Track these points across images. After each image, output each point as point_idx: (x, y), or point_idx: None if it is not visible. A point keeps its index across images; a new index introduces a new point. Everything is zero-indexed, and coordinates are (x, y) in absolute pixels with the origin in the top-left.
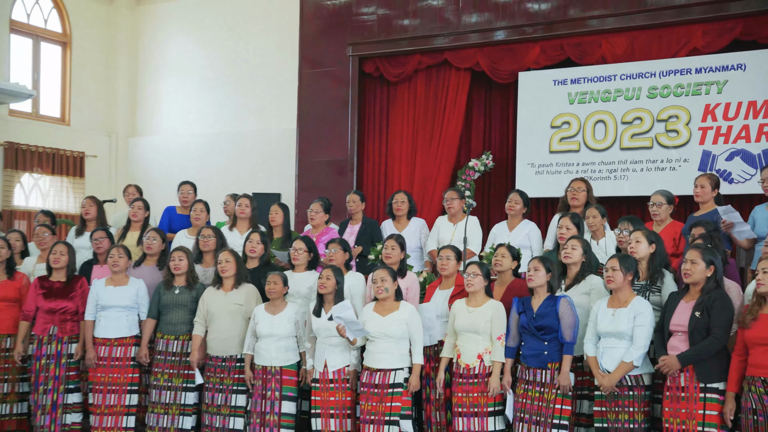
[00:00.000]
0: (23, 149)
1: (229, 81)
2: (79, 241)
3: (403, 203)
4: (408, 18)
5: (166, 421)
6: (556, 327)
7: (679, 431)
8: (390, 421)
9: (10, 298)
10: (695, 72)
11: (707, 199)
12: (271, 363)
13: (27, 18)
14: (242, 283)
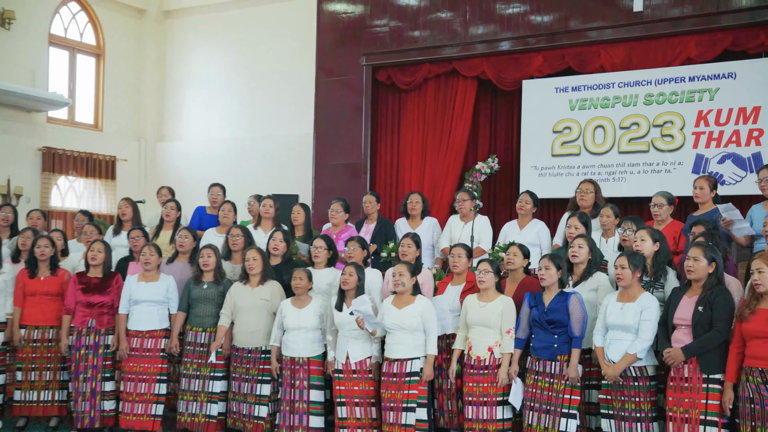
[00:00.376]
0: (60, 154)
1: (249, 89)
2: (116, 240)
3: (417, 203)
4: (418, 30)
5: (195, 407)
6: (565, 321)
7: (683, 419)
8: (407, 408)
9: (53, 293)
10: (689, 80)
11: (706, 199)
12: (298, 354)
13: (64, 32)
14: (268, 280)
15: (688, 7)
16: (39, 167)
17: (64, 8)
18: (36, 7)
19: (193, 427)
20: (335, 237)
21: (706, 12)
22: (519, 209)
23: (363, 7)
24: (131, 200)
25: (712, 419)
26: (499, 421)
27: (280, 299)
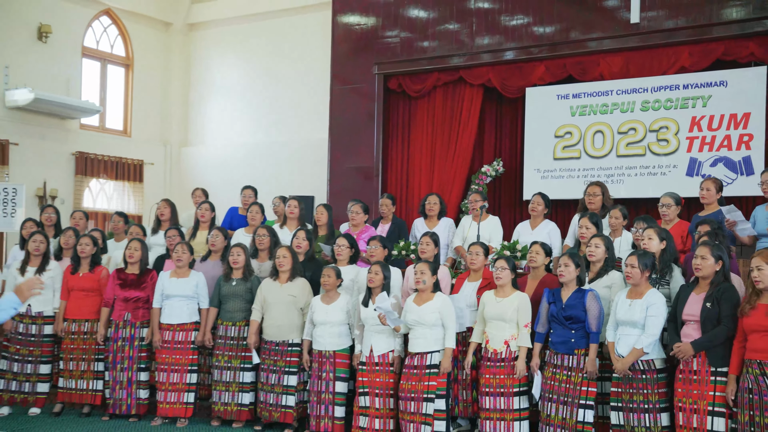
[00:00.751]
0: (91, 158)
1: (268, 97)
2: (153, 239)
3: (435, 204)
4: (427, 40)
5: (227, 396)
6: (582, 317)
7: (691, 410)
8: (427, 399)
9: (89, 289)
10: (683, 88)
11: (712, 200)
12: (325, 347)
13: (96, 44)
14: (296, 277)
15: (681, 19)
16: (72, 171)
17: (96, 22)
18: (70, 21)
19: (226, 415)
20: (357, 236)
21: (698, 24)
22: (531, 210)
23: (375, 19)
24: (170, 201)
25: (720, 410)
26: (516, 410)
27: (307, 295)
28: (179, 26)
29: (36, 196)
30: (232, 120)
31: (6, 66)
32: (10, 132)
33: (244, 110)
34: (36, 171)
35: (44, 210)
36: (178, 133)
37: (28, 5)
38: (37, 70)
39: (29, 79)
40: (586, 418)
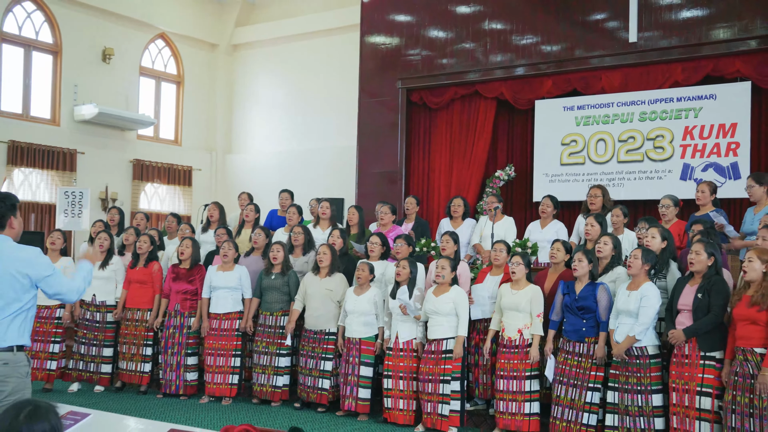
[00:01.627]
0: (146, 164)
1: (303, 108)
2: (204, 237)
3: (459, 206)
4: (446, 58)
5: (264, 378)
6: (593, 308)
7: (683, 390)
8: (444, 380)
9: (143, 281)
10: (676, 100)
11: (706, 201)
12: (353, 335)
13: (152, 64)
14: (335, 272)
15: (675, 39)
16: (130, 176)
17: (152, 44)
18: (130, 44)
19: (262, 395)
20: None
21: (690, 43)
22: (542, 212)
23: (399, 39)
24: (219, 204)
25: (707, 390)
26: (527, 392)
27: (344, 289)
28: (224, 47)
29: (99, 199)
30: (270, 130)
31: (75, 84)
32: (77, 142)
33: (281, 121)
34: (99, 177)
35: (109, 211)
36: (222, 142)
37: (95, 31)
38: (101, 87)
39: (94, 95)
40: (593, 400)
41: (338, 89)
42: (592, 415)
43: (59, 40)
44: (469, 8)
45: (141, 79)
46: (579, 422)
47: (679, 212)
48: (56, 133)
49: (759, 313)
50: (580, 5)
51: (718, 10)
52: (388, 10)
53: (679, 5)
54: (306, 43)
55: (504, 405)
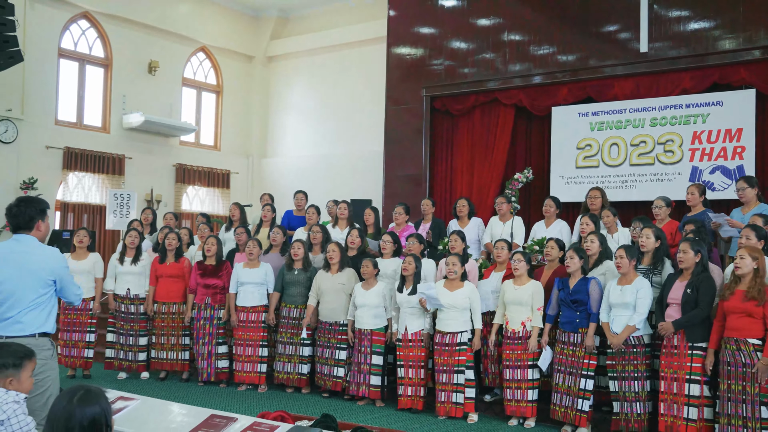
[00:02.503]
0: (188, 168)
1: (333, 116)
2: (227, 235)
3: (464, 207)
4: (467, 67)
5: (289, 367)
6: (586, 301)
7: (672, 378)
8: (458, 370)
9: (175, 275)
10: (685, 107)
11: (696, 203)
12: (364, 326)
13: (193, 75)
14: (345, 268)
15: (683, 49)
16: (173, 179)
17: (194, 57)
18: (173, 57)
19: (288, 382)
20: (399, 234)
21: (698, 53)
22: (545, 212)
23: (423, 50)
24: (239, 204)
25: (696, 378)
26: (530, 380)
27: (354, 283)
28: (260, 59)
29: (145, 201)
30: (303, 135)
31: (124, 95)
32: (125, 148)
33: (313, 127)
34: (145, 180)
35: (143, 212)
36: (258, 147)
37: (142, 45)
38: (147, 97)
39: (141, 105)
40: (587, 386)
41: (366, 97)
42: (585, 401)
43: (110, 54)
44: (489, 21)
45: (183, 89)
46: (575, 408)
47: (677, 212)
48: (106, 140)
49: (757, 308)
50: (593, 18)
51: (723, 22)
52: (413, 23)
53: (687, 17)
54: (336, 54)
55: (511, 393)
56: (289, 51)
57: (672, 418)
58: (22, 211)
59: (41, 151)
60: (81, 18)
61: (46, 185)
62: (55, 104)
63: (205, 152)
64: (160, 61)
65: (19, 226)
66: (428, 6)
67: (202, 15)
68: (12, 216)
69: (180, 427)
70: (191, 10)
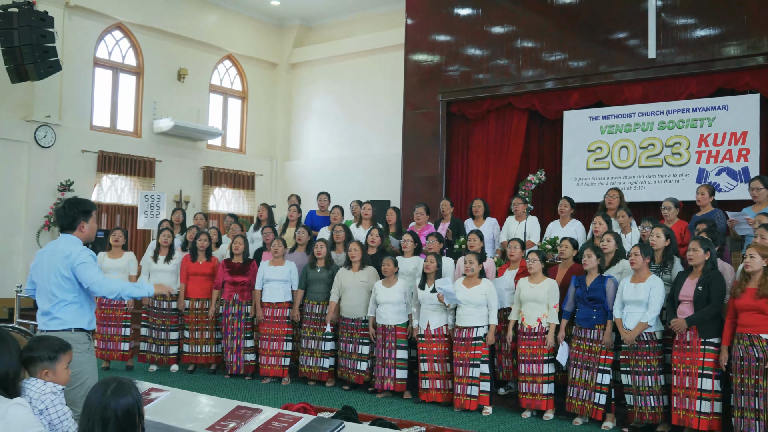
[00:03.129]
0: (215, 171)
1: (353, 120)
2: (255, 235)
3: (479, 207)
4: (482, 73)
5: (312, 361)
6: (602, 298)
7: (685, 373)
8: (474, 364)
9: (206, 274)
10: (692, 111)
11: (706, 203)
12: (387, 322)
13: (220, 82)
14: (366, 266)
15: (690, 55)
16: (201, 181)
17: (220, 65)
18: (201, 65)
19: (311, 376)
20: (419, 233)
21: (704, 59)
22: (560, 212)
23: (439, 57)
24: (267, 205)
25: (708, 373)
26: (545, 375)
27: (375, 280)
28: (283, 66)
29: (174, 202)
30: (324, 139)
31: (154, 101)
32: (155, 152)
33: (334, 131)
34: (174, 182)
35: (174, 212)
36: (282, 150)
37: (172, 54)
38: (176, 103)
39: (170, 110)
40: (603, 381)
41: (384, 102)
42: (602, 394)
43: (142, 63)
44: (503, 29)
45: (211, 95)
46: (592, 401)
47: (686, 212)
48: (138, 144)
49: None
50: (603, 25)
51: (728, 29)
52: (430, 31)
53: (694, 25)
54: (356, 61)
55: (526, 386)
56: (312, 58)
57: (684, 411)
58: (66, 212)
59: (77, 154)
60: (115, 29)
61: (82, 187)
62: (90, 110)
63: (231, 155)
64: (189, 68)
65: (64, 227)
66: (444, 15)
67: (229, 25)
68: (59, 217)
69: (207, 418)
70: (218, 20)
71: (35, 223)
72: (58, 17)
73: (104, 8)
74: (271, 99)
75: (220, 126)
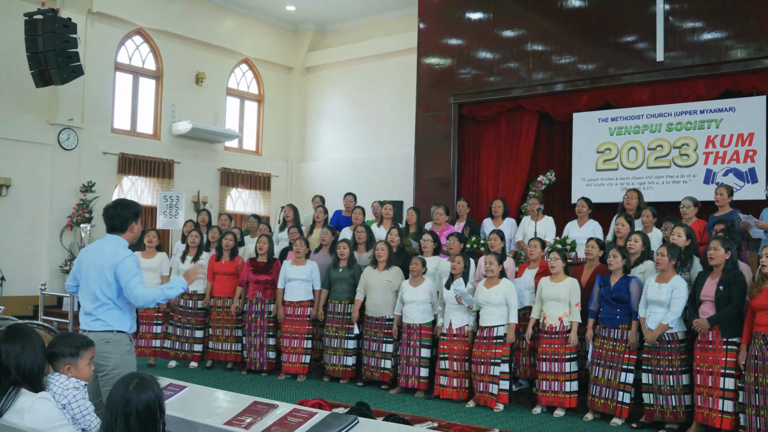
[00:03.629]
0: (232, 172)
1: (366, 122)
2: (280, 235)
3: (499, 207)
4: (493, 76)
5: (335, 359)
6: (626, 299)
7: (707, 372)
8: (494, 363)
9: (230, 273)
10: (699, 113)
11: (725, 203)
12: (413, 321)
13: (237, 85)
14: (392, 266)
15: (697, 58)
16: (218, 182)
17: (237, 69)
18: (219, 69)
19: (334, 374)
20: (439, 233)
21: (711, 62)
22: (578, 212)
23: (451, 60)
24: (293, 206)
25: (730, 372)
26: (567, 373)
27: (400, 280)
28: (298, 69)
29: (192, 202)
30: (338, 140)
31: (173, 104)
32: (174, 153)
33: (348, 133)
34: (192, 183)
35: (200, 213)
36: (297, 152)
37: (190, 59)
38: (194, 106)
39: (189, 113)
40: (627, 380)
41: (397, 104)
42: (626, 393)
43: (161, 67)
44: (513, 32)
45: (228, 98)
46: (615, 400)
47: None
48: (157, 146)
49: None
50: (612, 29)
51: (735, 32)
52: (442, 35)
53: (701, 28)
54: (369, 64)
55: (546, 384)
56: (326, 62)
57: (708, 410)
58: (117, 213)
59: (99, 156)
60: (135, 34)
61: (103, 188)
62: (111, 113)
63: (247, 157)
64: (207, 72)
65: (114, 228)
66: (456, 19)
67: (245, 29)
68: (108, 217)
69: (225, 413)
70: (235, 25)
71: (59, 223)
72: (80, 23)
73: (125, 14)
74: (286, 102)
75: (236, 128)
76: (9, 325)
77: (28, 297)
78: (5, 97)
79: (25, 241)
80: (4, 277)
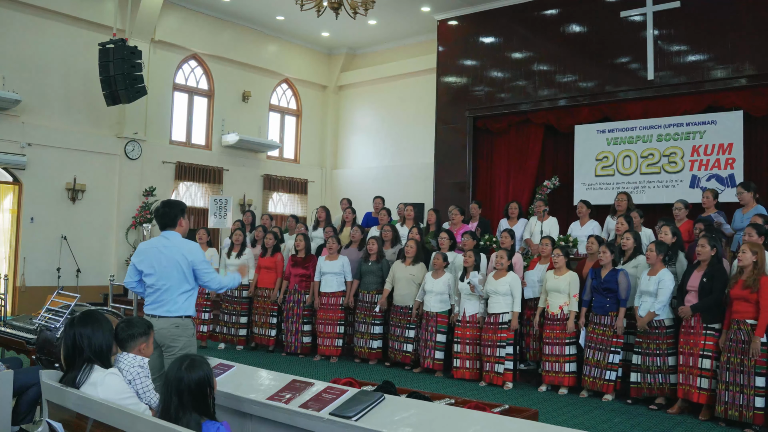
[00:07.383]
0: (273, 178)
1: (392, 133)
2: (314, 233)
3: (515, 209)
4: (504, 93)
5: (363, 342)
6: (615, 289)
7: (689, 353)
8: (500, 345)
9: (270, 267)
10: (686, 125)
11: (710, 205)
12: (431, 309)
13: (278, 102)
14: (419, 261)
15: (683, 77)
16: (261, 187)
17: (278, 87)
18: (262, 88)
19: (362, 355)
20: (455, 232)
21: (695, 81)
22: (579, 213)
23: (467, 79)
24: (325, 207)
25: (708, 354)
26: (567, 355)
27: (424, 274)
28: (332, 88)
29: (239, 205)
30: (367, 150)
31: (222, 119)
32: (224, 162)
33: (375, 143)
34: (238, 188)
35: (245, 214)
36: (330, 160)
37: (238, 79)
38: (241, 120)
39: (236, 126)
40: (614, 360)
41: (419, 118)
42: (613, 372)
43: (212, 87)
44: (522, 54)
45: (270, 113)
46: (603, 378)
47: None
48: (209, 156)
49: (751, 294)
50: (609, 51)
51: (716, 55)
52: (459, 57)
53: (686, 51)
54: (394, 83)
55: (549, 365)
56: (356, 81)
57: (688, 386)
58: (167, 212)
59: (159, 165)
60: (191, 59)
61: (162, 193)
62: (169, 127)
63: (287, 164)
64: (252, 91)
65: (166, 224)
66: (471, 43)
67: (286, 53)
68: (159, 216)
69: (268, 389)
70: (277, 49)
71: (124, 223)
72: (145, 50)
73: (183, 42)
74: (321, 116)
75: (278, 139)
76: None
77: (99, 287)
78: (83, 115)
79: (97, 238)
80: (80, 269)
